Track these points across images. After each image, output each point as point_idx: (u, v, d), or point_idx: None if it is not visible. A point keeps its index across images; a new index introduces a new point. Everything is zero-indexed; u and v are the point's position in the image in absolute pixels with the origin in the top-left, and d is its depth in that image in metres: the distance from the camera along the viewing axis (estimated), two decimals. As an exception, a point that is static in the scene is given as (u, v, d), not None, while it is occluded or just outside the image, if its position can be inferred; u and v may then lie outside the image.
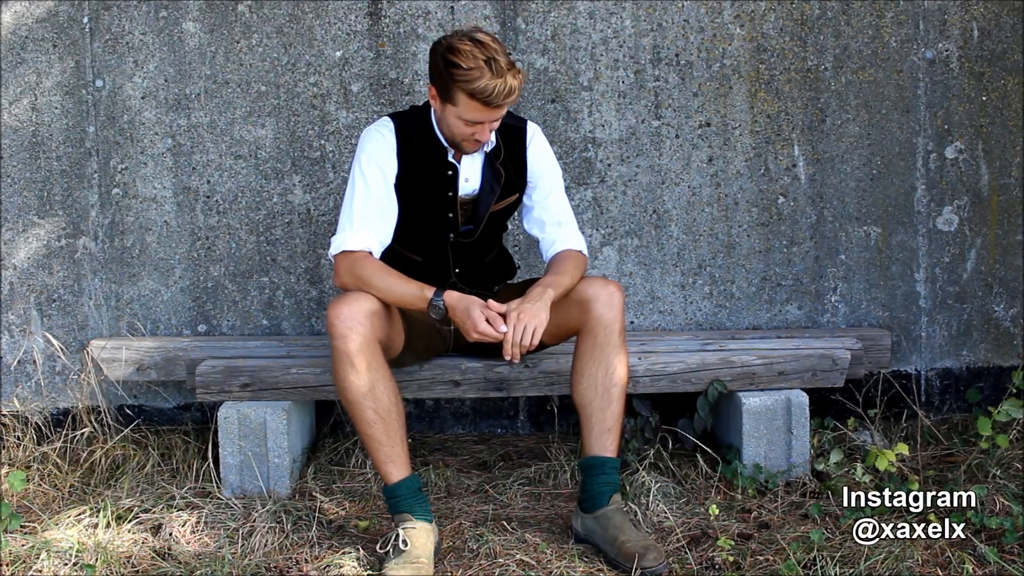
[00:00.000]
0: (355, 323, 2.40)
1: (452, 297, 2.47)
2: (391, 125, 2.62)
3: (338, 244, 2.54)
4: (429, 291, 2.48)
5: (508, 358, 2.42)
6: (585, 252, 2.69)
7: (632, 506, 2.63)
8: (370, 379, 2.41)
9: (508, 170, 2.65)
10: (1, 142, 3.20)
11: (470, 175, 2.64)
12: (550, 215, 2.70)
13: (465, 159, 2.62)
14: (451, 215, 2.65)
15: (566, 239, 2.68)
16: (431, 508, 2.51)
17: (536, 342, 2.41)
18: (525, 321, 2.40)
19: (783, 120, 3.27)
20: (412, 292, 2.49)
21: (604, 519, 2.47)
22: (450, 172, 2.61)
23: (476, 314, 2.43)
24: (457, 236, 2.68)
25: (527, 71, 3.22)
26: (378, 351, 2.45)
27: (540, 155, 2.71)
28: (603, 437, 2.50)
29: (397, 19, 3.21)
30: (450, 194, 2.63)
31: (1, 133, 3.20)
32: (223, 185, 3.24)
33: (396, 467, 2.45)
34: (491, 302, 2.47)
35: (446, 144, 2.60)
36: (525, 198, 2.73)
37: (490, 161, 2.63)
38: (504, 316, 2.43)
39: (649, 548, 2.37)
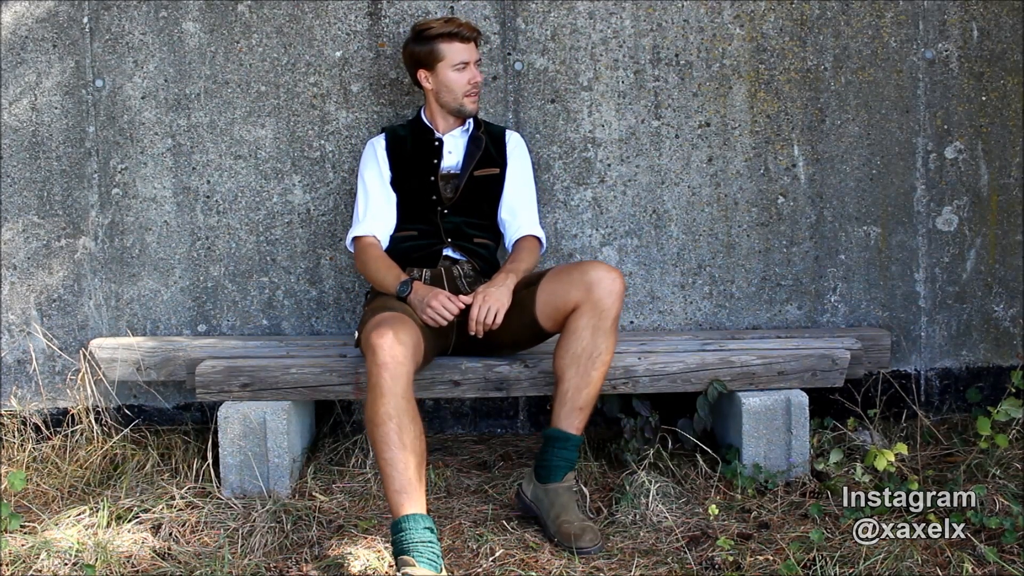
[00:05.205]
0: (398, 352, 2.43)
1: (420, 284, 2.77)
2: (383, 133, 3.02)
3: (350, 234, 2.96)
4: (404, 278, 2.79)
5: (472, 333, 2.69)
6: (541, 237, 2.98)
7: (632, 507, 2.64)
8: (399, 408, 2.38)
9: (487, 146, 2.96)
10: (1, 142, 3.20)
11: (453, 149, 2.96)
12: (518, 203, 2.98)
13: (448, 137, 2.96)
14: (432, 178, 2.91)
15: (527, 226, 2.98)
16: (439, 526, 2.46)
17: (499, 322, 2.67)
18: (490, 303, 2.67)
19: (783, 120, 3.27)
20: (393, 276, 2.79)
21: (553, 494, 2.57)
22: (436, 144, 2.95)
23: (436, 291, 2.71)
24: (443, 207, 2.92)
25: (527, 71, 3.22)
26: (411, 386, 2.44)
27: (518, 149, 3.03)
28: (573, 415, 2.60)
29: (397, 19, 3.21)
30: (435, 161, 2.93)
31: (1, 133, 3.20)
32: (223, 185, 3.24)
33: (409, 499, 2.33)
34: (457, 297, 2.72)
35: (431, 127, 2.97)
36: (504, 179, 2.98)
37: (472, 139, 2.96)
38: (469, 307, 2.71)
39: (586, 530, 2.49)
